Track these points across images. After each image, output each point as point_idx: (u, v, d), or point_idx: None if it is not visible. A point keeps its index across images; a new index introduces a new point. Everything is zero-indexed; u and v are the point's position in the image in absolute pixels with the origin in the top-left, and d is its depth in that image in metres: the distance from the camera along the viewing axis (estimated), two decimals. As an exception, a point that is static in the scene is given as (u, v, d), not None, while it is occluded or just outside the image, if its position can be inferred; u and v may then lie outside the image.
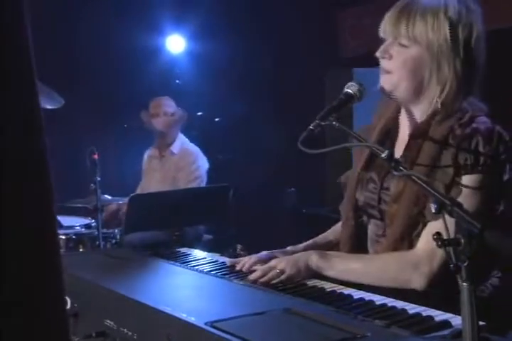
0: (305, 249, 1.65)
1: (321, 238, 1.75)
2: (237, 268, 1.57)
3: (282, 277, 1.44)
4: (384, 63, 1.47)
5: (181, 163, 3.83)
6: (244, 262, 1.58)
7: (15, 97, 0.57)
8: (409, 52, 1.43)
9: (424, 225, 1.39)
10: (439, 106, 1.43)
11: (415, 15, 1.41)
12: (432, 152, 1.41)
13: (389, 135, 1.58)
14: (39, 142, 0.59)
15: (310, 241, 1.73)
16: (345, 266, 1.44)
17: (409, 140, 1.48)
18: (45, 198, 0.60)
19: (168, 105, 3.95)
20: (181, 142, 3.94)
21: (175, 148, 3.90)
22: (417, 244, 1.40)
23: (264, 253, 1.62)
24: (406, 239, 1.41)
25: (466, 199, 1.31)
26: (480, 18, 1.45)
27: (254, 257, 1.59)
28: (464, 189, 1.36)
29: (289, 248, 1.67)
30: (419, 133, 1.45)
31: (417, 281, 1.36)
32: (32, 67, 0.58)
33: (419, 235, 1.40)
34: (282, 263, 1.46)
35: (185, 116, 4.00)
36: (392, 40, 1.45)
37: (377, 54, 1.47)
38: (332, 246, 1.69)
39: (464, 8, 1.42)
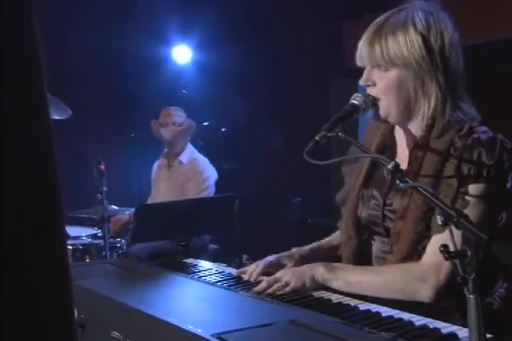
0: (310, 251, 1.67)
1: (325, 242, 1.75)
2: (245, 278, 1.58)
3: (287, 289, 1.44)
4: (370, 91, 1.46)
5: (190, 173, 3.84)
6: (251, 271, 1.58)
7: (24, 96, 0.58)
8: (390, 76, 1.42)
9: (430, 238, 1.39)
10: (430, 120, 1.42)
11: (386, 36, 1.41)
12: (434, 165, 1.40)
13: (385, 150, 1.57)
14: (48, 141, 0.59)
15: (315, 244, 1.73)
16: (351, 278, 1.44)
17: (409, 155, 1.48)
18: (52, 199, 0.60)
19: (177, 115, 3.97)
20: (190, 152, 3.96)
21: (184, 158, 3.92)
22: (423, 257, 1.40)
23: (270, 257, 1.62)
24: (414, 254, 1.41)
25: (470, 209, 1.31)
26: (449, 23, 1.44)
27: (260, 264, 1.59)
28: (468, 199, 1.35)
29: (294, 250, 1.68)
30: (419, 148, 1.45)
31: (425, 293, 1.36)
32: (41, 70, 0.59)
33: (425, 248, 1.40)
34: (288, 276, 1.46)
35: (194, 127, 4.02)
36: (370, 67, 1.45)
37: (361, 83, 1.47)
38: (335, 250, 1.70)
39: (431, 17, 1.42)
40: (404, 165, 1.48)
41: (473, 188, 1.36)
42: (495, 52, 3.44)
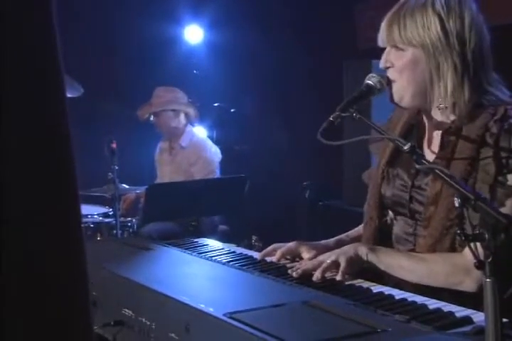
0: (337, 243, 1.61)
1: (353, 232, 1.70)
2: (259, 257, 1.55)
3: (339, 271, 1.38)
4: (389, 73, 1.44)
5: (193, 157, 3.80)
6: (269, 251, 1.54)
7: (41, 75, 0.58)
8: (406, 56, 1.41)
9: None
10: (448, 104, 1.40)
11: (405, 17, 1.40)
12: (469, 151, 1.37)
13: (413, 130, 1.54)
14: (66, 126, 0.60)
15: (343, 235, 1.69)
16: (395, 262, 1.40)
17: (441, 140, 1.44)
18: (69, 180, 0.60)
19: (157, 95, 3.86)
20: (190, 135, 3.89)
21: (183, 141, 3.86)
22: (457, 242, 1.37)
23: (291, 243, 1.56)
24: (446, 240, 1.38)
25: (510, 198, 1.29)
26: (472, 5, 1.41)
27: (283, 247, 1.54)
28: (510, 189, 1.32)
29: (322, 242, 1.62)
30: (451, 132, 1.42)
31: (469, 285, 1.34)
32: (60, 61, 0.59)
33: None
34: (333, 256, 1.41)
35: (193, 112, 3.92)
36: (389, 48, 1.44)
37: (380, 65, 1.46)
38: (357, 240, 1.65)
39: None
40: (434, 149, 1.46)
41: None
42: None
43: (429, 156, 1.42)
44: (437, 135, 1.47)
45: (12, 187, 0.55)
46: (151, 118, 3.85)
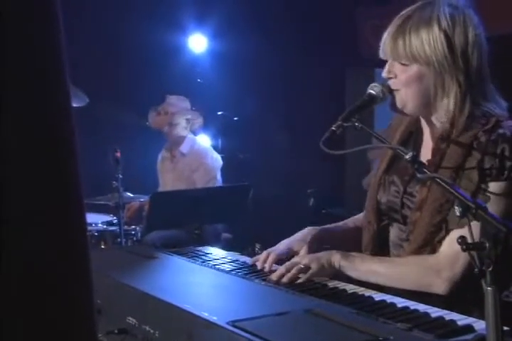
0: (324, 231, 1.65)
1: (341, 224, 1.75)
2: (258, 266, 1.57)
3: (307, 273, 1.44)
4: (391, 83, 1.46)
5: (194, 164, 3.84)
6: (263, 260, 1.57)
7: (47, 84, 0.58)
8: (411, 71, 1.42)
9: (447, 231, 1.39)
10: (450, 117, 1.42)
11: (410, 33, 1.40)
12: (456, 159, 1.39)
13: (411, 137, 1.57)
14: (69, 126, 0.60)
15: (330, 225, 1.73)
16: (367, 268, 1.44)
17: (433, 147, 1.47)
18: (73, 184, 0.60)
19: (172, 104, 3.92)
20: (191, 143, 3.93)
21: (184, 148, 3.90)
22: (439, 249, 1.39)
23: (281, 245, 1.61)
24: (429, 245, 1.41)
25: (492, 206, 1.30)
26: (474, 20, 1.42)
27: (272, 253, 1.58)
28: (489, 195, 1.34)
29: (306, 230, 1.65)
30: (442, 140, 1.44)
31: (439, 286, 1.36)
32: (63, 62, 0.59)
33: (441, 241, 1.40)
34: (306, 260, 1.47)
35: (198, 119, 3.97)
36: (392, 60, 1.45)
37: (383, 75, 1.47)
38: (351, 232, 1.69)
39: (457, 13, 1.40)
40: (429, 156, 1.47)
41: (494, 185, 1.35)
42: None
43: None
44: (431, 142, 1.50)
45: (12, 187, 0.54)
46: (165, 129, 3.88)
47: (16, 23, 0.55)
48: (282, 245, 1.62)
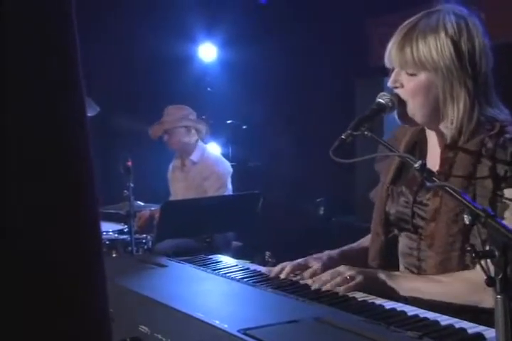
0: (340, 253, 1.64)
1: (356, 245, 1.73)
2: (272, 275, 1.57)
3: (351, 284, 1.40)
4: (398, 92, 1.45)
5: (205, 172, 3.86)
6: (278, 272, 1.56)
7: (63, 93, 0.59)
8: (419, 79, 1.41)
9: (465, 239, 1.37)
10: (459, 124, 1.42)
11: (417, 40, 1.40)
12: (466, 167, 1.39)
13: (416, 148, 1.57)
14: (84, 133, 0.60)
15: (345, 247, 1.71)
16: (411, 287, 1.41)
17: (441, 156, 1.47)
18: (88, 191, 0.59)
19: (168, 113, 3.92)
20: (202, 151, 3.95)
21: (195, 157, 3.92)
22: (463, 257, 1.38)
23: (299, 260, 1.59)
24: (452, 256, 1.39)
25: (510, 211, 1.30)
26: (480, 28, 1.43)
27: (288, 266, 1.56)
28: (507, 202, 1.33)
29: (325, 252, 1.64)
30: (449, 149, 1.45)
31: (490, 301, 1.34)
32: (78, 71, 0.60)
33: (462, 249, 1.38)
34: (352, 271, 1.42)
35: (200, 126, 3.99)
36: (399, 69, 1.44)
37: (389, 84, 1.47)
38: (366, 252, 1.67)
39: (463, 21, 1.41)
40: (436, 165, 1.47)
41: (509, 191, 1.34)
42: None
43: None
44: (438, 151, 1.49)
45: (12, 187, 0.54)
46: (165, 137, 3.91)
47: (15, 22, 0.54)
48: (300, 259, 1.60)
